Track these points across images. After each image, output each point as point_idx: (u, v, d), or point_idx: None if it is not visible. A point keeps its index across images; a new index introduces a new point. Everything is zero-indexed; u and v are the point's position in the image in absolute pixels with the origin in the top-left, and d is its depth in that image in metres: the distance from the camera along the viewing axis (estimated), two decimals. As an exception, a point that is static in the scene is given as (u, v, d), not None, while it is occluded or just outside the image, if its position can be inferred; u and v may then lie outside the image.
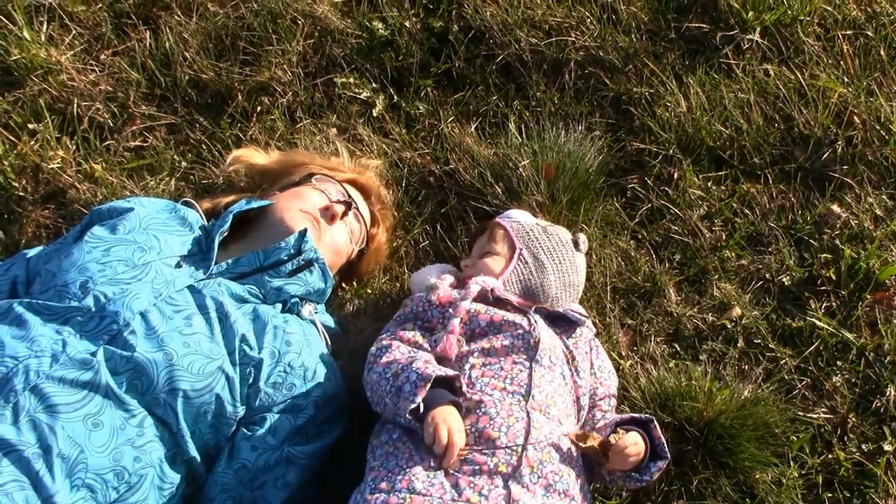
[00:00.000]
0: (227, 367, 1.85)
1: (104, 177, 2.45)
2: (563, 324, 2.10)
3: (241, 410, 1.90)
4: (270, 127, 2.61)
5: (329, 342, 2.12)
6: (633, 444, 1.81)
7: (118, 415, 1.71)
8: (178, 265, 1.99)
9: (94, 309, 1.80)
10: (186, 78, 2.65)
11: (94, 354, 1.74)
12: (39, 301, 1.81)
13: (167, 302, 1.87)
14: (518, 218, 2.32)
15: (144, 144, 2.56)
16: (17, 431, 1.62)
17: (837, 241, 2.47)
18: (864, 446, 2.19)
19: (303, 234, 2.07)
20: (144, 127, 2.58)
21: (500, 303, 2.08)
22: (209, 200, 2.33)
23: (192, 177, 2.52)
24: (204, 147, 2.57)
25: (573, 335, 2.08)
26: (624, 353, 2.30)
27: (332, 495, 1.94)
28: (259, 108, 2.64)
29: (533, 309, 2.06)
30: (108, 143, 2.53)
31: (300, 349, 1.98)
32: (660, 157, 2.60)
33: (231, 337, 1.87)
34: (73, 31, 2.69)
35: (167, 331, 1.81)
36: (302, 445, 1.94)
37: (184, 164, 2.54)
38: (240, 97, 2.64)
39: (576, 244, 2.25)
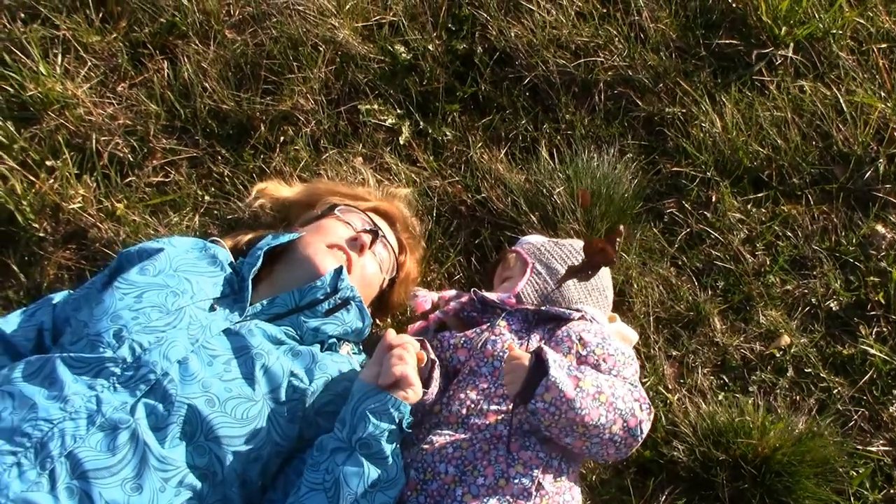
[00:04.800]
0: (271, 406, 1.78)
1: (126, 215, 2.37)
2: (551, 322, 2.02)
3: (292, 444, 1.83)
4: (294, 157, 2.54)
5: None
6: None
7: (157, 476, 1.63)
8: (212, 308, 1.91)
9: (129, 360, 1.72)
10: (207, 109, 2.57)
11: (132, 410, 1.66)
12: (72, 354, 1.73)
13: (204, 347, 1.80)
14: (530, 240, 2.28)
15: (166, 180, 2.48)
16: (54, 500, 1.54)
17: (884, 263, 2.39)
18: (926, 479, 2.12)
19: (339, 271, 1.99)
20: (165, 161, 2.50)
21: (486, 307, 2.09)
22: (231, 237, 2.25)
23: (216, 211, 2.45)
24: (227, 180, 2.49)
25: (557, 333, 1.95)
26: (671, 386, 2.22)
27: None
28: (282, 137, 2.57)
29: (504, 314, 2.01)
30: (129, 179, 2.46)
31: (349, 377, 1.91)
32: (696, 179, 2.53)
33: (275, 375, 1.80)
34: (89, 63, 2.61)
35: (207, 377, 1.74)
36: None
37: (207, 198, 2.47)
38: (262, 127, 2.56)
39: None
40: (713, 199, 2.51)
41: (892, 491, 2.10)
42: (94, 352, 1.74)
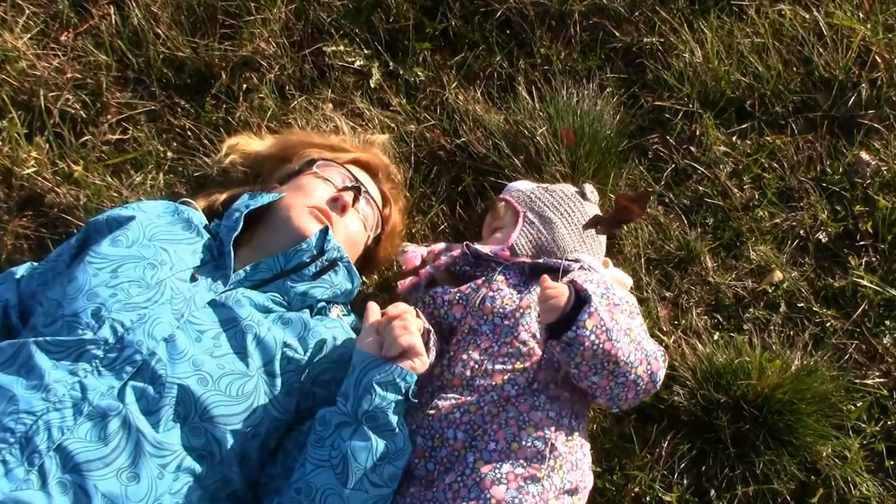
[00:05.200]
0: (266, 380, 1.69)
1: (85, 177, 2.21)
2: (549, 273, 1.90)
3: (290, 417, 1.75)
4: (260, 106, 2.39)
5: None
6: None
7: (154, 463, 1.54)
8: (193, 278, 1.79)
9: (112, 340, 1.61)
10: (161, 57, 2.40)
11: (120, 395, 1.56)
12: (48, 338, 1.61)
13: (190, 322, 1.69)
14: (518, 187, 2.19)
15: (124, 137, 2.32)
16: (47, 497, 1.44)
17: (870, 191, 2.37)
18: (920, 408, 2.13)
19: (325, 232, 1.89)
20: (122, 117, 2.34)
21: (480, 261, 1.99)
22: (204, 198, 2.11)
23: (181, 168, 2.30)
24: (189, 134, 2.34)
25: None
26: (666, 329, 2.19)
27: None
28: (245, 85, 2.42)
29: (500, 269, 1.93)
30: (84, 138, 2.29)
31: (344, 343, 1.83)
32: (680, 114, 2.45)
33: (268, 347, 1.71)
34: (27, 11, 2.41)
35: (197, 353, 1.64)
36: None
37: (170, 154, 2.32)
38: (223, 75, 2.40)
39: (582, 195, 2.12)
40: (697, 132, 2.44)
41: (888, 423, 2.11)
42: (73, 334, 1.62)
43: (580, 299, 1.63)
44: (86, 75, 2.36)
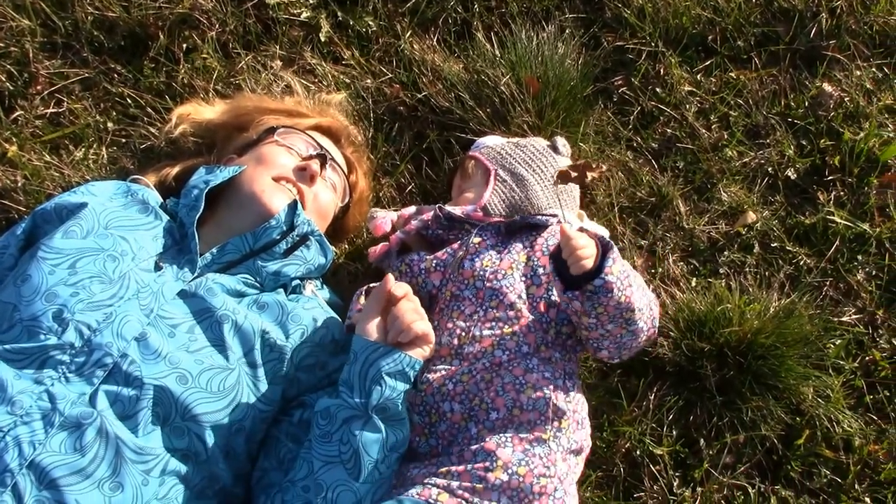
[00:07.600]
0: (248, 371, 1.61)
1: (20, 156, 2.04)
2: (526, 230, 1.89)
3: (276, 408, 1.67)
4: (203, 67, 2.24)
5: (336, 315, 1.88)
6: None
7: (137, 470, 1.46)
8: (158, 266, 1.67)
9: (78, 344, 1.50)
10: (90, 18, 2.22)
11: (92, 401, 1.46)
12: (6, 346, 1.49)
13: (161, 316, 1.58)
14: (487, 143, 2.10)
15: (59, 109, 2.15)
16: (25, 519, 1.35)
17: (834, 123, 2.34)
18: (895, 341, 2.14)
19: (293, 206, 1.78)
20: (54, 88, 2.16)
21: (453, 223, 1.91)
22: (154, 172, 1.98)
23: (124, 140, 2.15)
24: (129, 101, 2.18)
25: (538, 242, 1.84)
26: (644, 278, 2.14)
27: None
28: (185, 45, 2.26)
29: (476, 230, 1.86)
30: (15, 114, 2.11)
31: (326, 324, 1.76)
32: (644, 54, 2.37)
33: (246, 335, 1.62)
34: (-68, -26, 2.19)
35: (173, 350, 1.54)
36: None
37: (110, 125, 2.16)
38: (160, 35, 2.23)
39: (554, 148, 2.04)
40: (661, 72, 2.37)
41: (866, 358, 2.13)
42: (34, 340, 1.50)
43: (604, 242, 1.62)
44: (8, 43, 2.17)
